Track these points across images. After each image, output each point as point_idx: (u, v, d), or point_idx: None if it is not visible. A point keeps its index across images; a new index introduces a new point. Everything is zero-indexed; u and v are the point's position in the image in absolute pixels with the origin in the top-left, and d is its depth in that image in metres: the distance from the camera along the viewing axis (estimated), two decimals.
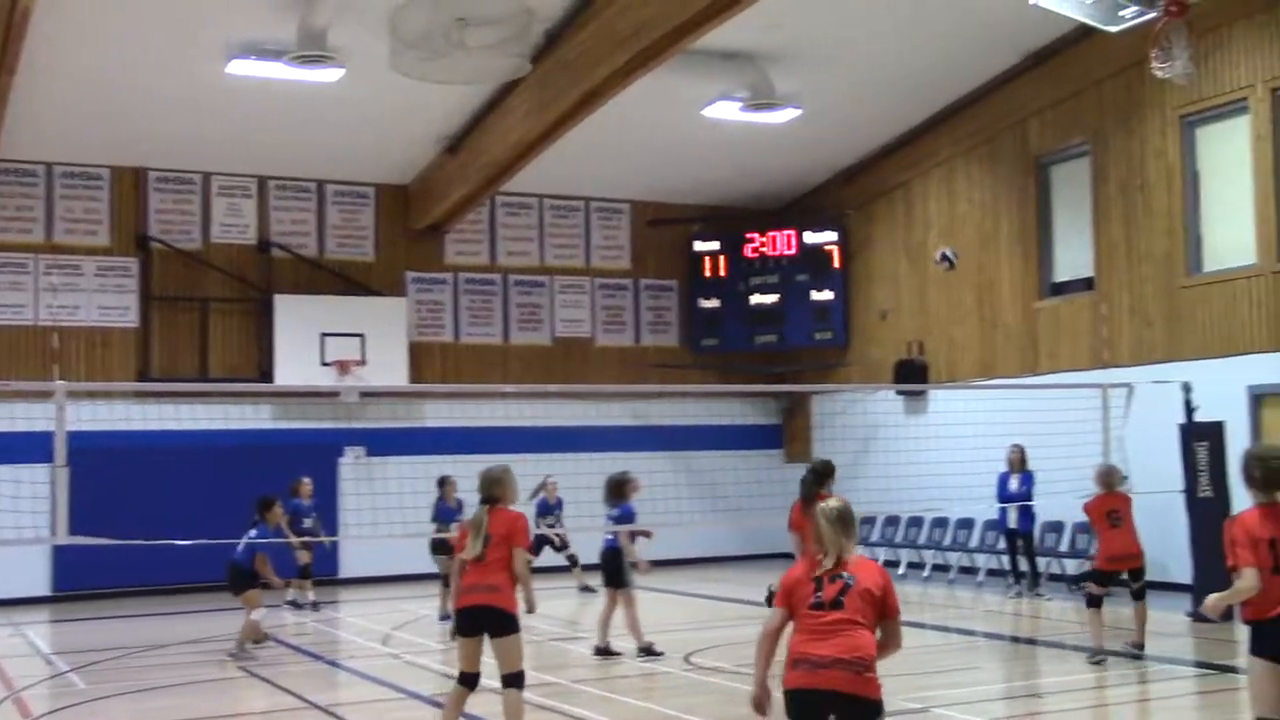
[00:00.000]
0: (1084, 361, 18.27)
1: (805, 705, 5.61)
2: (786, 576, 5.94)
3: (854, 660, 5.56)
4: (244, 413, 19.43)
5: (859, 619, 5.65)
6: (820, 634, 5.62)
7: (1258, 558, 6.34)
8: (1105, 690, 10.81)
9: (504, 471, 8.64)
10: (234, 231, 20.89)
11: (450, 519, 15.81)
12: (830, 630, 5.62)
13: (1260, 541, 6.37)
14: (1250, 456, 6.70)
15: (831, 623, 5.63)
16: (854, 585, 5.70)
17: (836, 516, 5.89)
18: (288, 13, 15.35)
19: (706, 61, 17.46)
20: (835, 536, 5.84)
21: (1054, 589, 17.37)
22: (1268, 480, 6.53)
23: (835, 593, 5.69)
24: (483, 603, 8.21)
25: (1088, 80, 18.29)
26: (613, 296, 23.44)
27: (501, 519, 8.39)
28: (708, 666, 12.14)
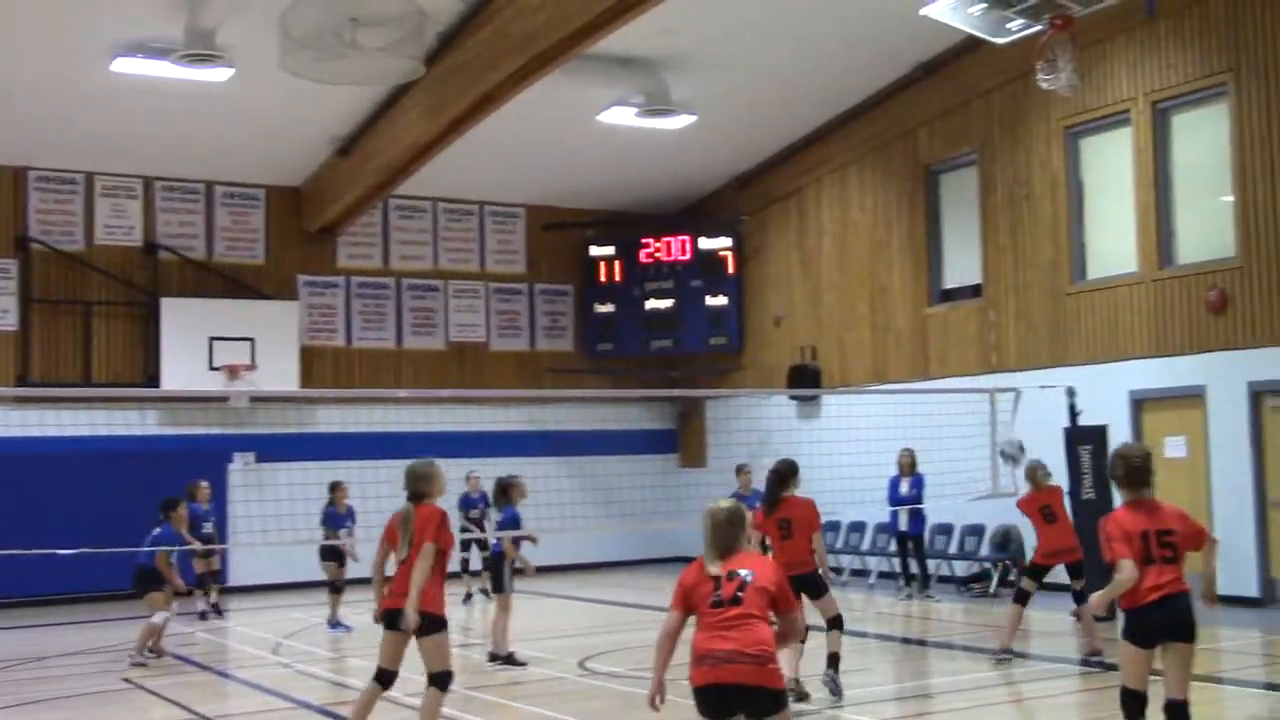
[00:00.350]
0: (973, 366, 18.60)
1: (712, 700, 5.81)
2: (683, 578, 6.09)
3: (756, 653, 5.76)
4: (129, 418, 18.95)
5: (757, 613, 5.87)
6: (722, 630, 5.82)
7: (1132, 550, 6.87)
8: (992, 690, 11.00)
9: (428, 466, 8.61)
10: (119, 233, 20.42)
11: (340, 525, 15.66)
12: (731, 625, 5.82)
13: (1133, 535, 6.92)
14: (1115, 456, 7.27)
15: (732, 618, 5.83)
16: (751, 581, 5.92)
17: (725, 519, 6.12)
18: (175, 11, 15.05)
19: (602, 67, 17.47)
20: (726, 538, 6.06)
21: (944, 591, 17.65)
22: (1130, 478, 7.11)
23: (734, 589, 5.90)
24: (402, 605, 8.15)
25: (976, 91, 18.65)
26: (508, 301, 23.34)
27: (423, 517, 8.31)
28: (603, 671, 12.12)
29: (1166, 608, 6.86)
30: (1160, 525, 6.97)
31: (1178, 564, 6.95)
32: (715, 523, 6.09)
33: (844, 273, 21.12)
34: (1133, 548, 6.88)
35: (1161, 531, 6.96)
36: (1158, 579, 6.88)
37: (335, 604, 15.57)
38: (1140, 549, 6.89)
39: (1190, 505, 15.58)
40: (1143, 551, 6.89)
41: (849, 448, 17.55)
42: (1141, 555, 6.88)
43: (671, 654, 6.04)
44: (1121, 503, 7.21)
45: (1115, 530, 6.97)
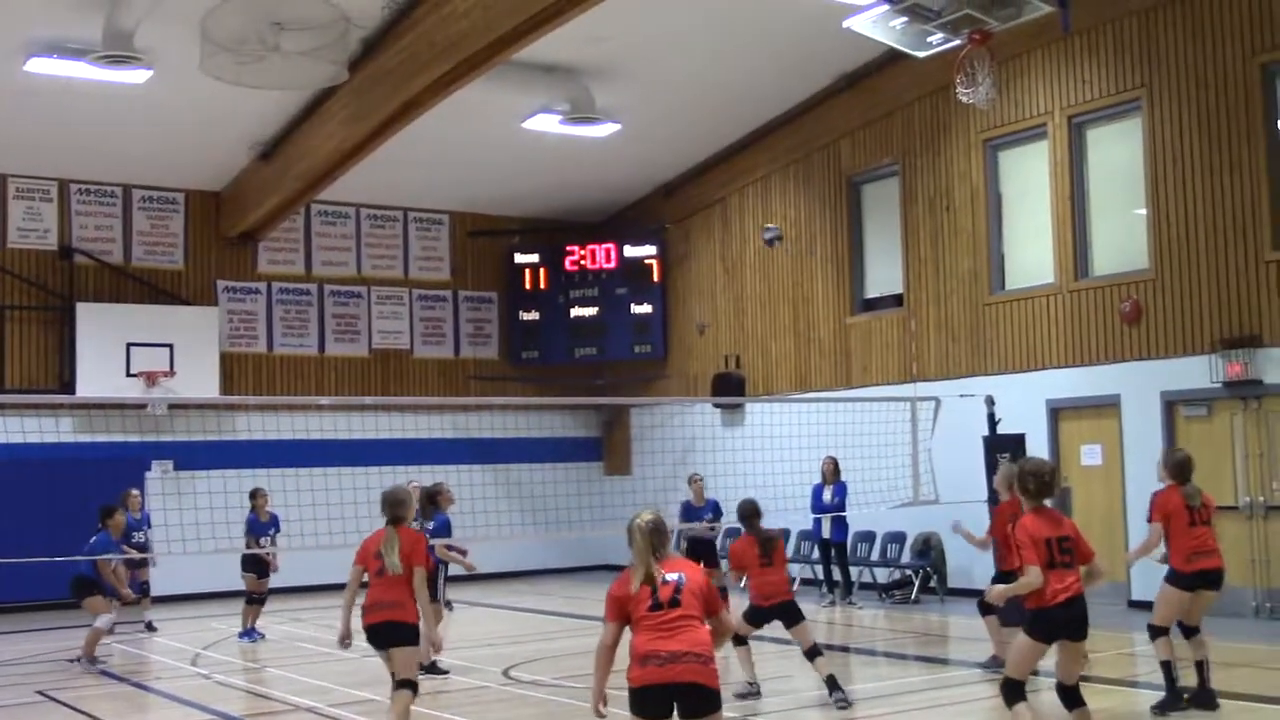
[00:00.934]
0: (894, 375, 18.82)
1: (652, 700, 5.98)
2: (614, 591, 6.26)
3: (700, 653, 6.01)
4: (43, 425, 18.59)
5: (695, 614, 6.12)
6: (665, 631, 6.04)
7: (1039, 556, 7.50)
8: (913, 695, 11.12)
9: (407, 493, 9.11)
10: (33, 236, 20.05)
11: (263, 533, 15.45)
12: (674, 626, 6.05)
13: (1039, 541, 7.54)
14: (1024, 472, 7.89)
15: (673, 620, 6.06)
16: (685, 583, 6.14)
17: (651, 529, 6.29)
18: (92, 11, 14.81)
19: (527, 74, 17.47)
20: (654, 545, 6.24)
21: (865, 597, 17.81)
22: (1040, 490, 7.77)
23: (671, 592, 6.12)
24: (388, 619, 8.58)
25: (897, 103, 18.88)
26: (432, 308, 23.23)
27: (407, 538, 8.77)
28: (527, 680, 12.10)
29: (1070, 609, 7.53)
30: (1061, 533, 7.65)
31: (1074, 568, 7.62)
32: (643, 532, 6.27)
33: (767, 281, 21.27)
34: (1039, 554, 7.50)
35: (1062, 538, 7.62)
36: (1062, 582, 7.51)
37: (250, 615, 15.38)
38: (1045, 554, 7.52)
39: (1105, 511, 15.98)
40: (1047, 557, 7.52)
41: (772, 455, 17.67)
42: (1046, 560, 7.51)
43: (611, 664, 6.22)
44: (1026, 510, 7.79)
45: (1024, 537, 7.55)
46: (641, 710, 6.01)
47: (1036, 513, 7.70)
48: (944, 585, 17.65)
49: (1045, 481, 7.76)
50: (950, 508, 16.02)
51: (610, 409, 23.72)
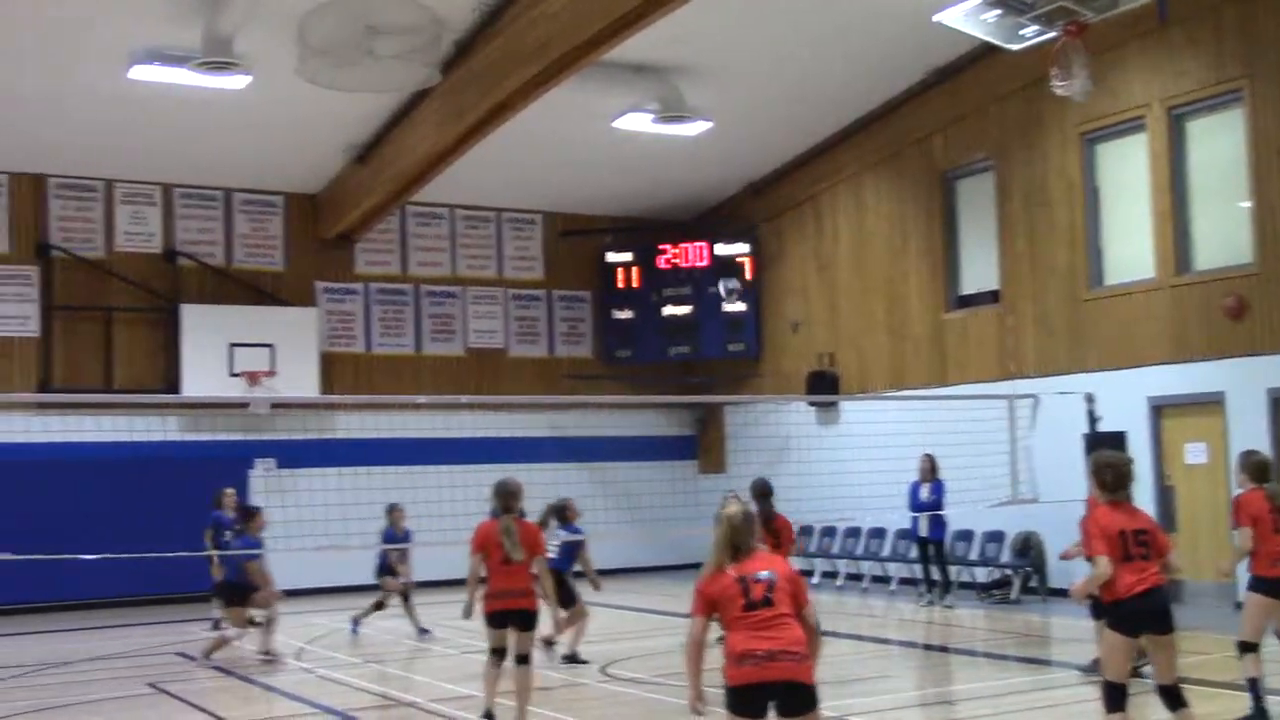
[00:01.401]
0: (991, 372, 18.59)
1: (751, 698, 5.98)
2: (702, 586, 6.24)
3: (797, 651, 6.00)
4: (150, 425, 19.07)
5: (789, 611, 6.10)
6: (760, 630, 6.02)
7: (1110, 548, 7.42)
8: (1015, 696, 10.99)
9: (519, 484, 9.59)
10: (139, 240, 20.54)
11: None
12: (769, 625, 6.02)
13: (1112, 534, 7.46)
14: (1101, 464, 7.84)
15: (769, 619, 6.03)
16: (777, 581, 6.14)
17: (741, 521, 6.29)
18: (192, 18, 15.13)
19: (617, 74, 17.53)
20: (745, 539, 6.23)
21: (964, 597, 17.63)
22: (1118, 482, 7.69)
23: (763, 591, 6.09)
24: (521, 607, 9.33)
25: (991, 97, 18.65)
26: (526, 307, 23.40)
27: (527, 529, 9.49)
28: (625, 678, 12.15)
29: (1148, 600, 7.41)
30: (1137, 525, 7.55)
31: (1152, 560, 7.48)
32: (733, 525, 6.26)
33: (861, 279, 21.13)
34: (1111, 545, 7.43)
35: (1138, 531, 7.52)
36: (1138, 574, 7.41)
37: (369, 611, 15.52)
38: (1119, 546, 7.44)
39: (1210, 511, 15.65)
40: (1121, 549, 7.44)
41: (868, 454, 17.57)
42: (1121, 553, 7.43)
43: (703, 660, 6.24)
44: (1102, 502, 7.71)
45: (1094, 529, 7.53)
46: (740, 709, 6.01)
47: (1112, 505, 7.61)
48: (1045, 585, 17.41)
49: (1122, 473, 7.69)
50: (1050, 507, 15.82)
51: (704, 407, 23.73)
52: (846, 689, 11.12)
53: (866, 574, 19.87)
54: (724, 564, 6.18)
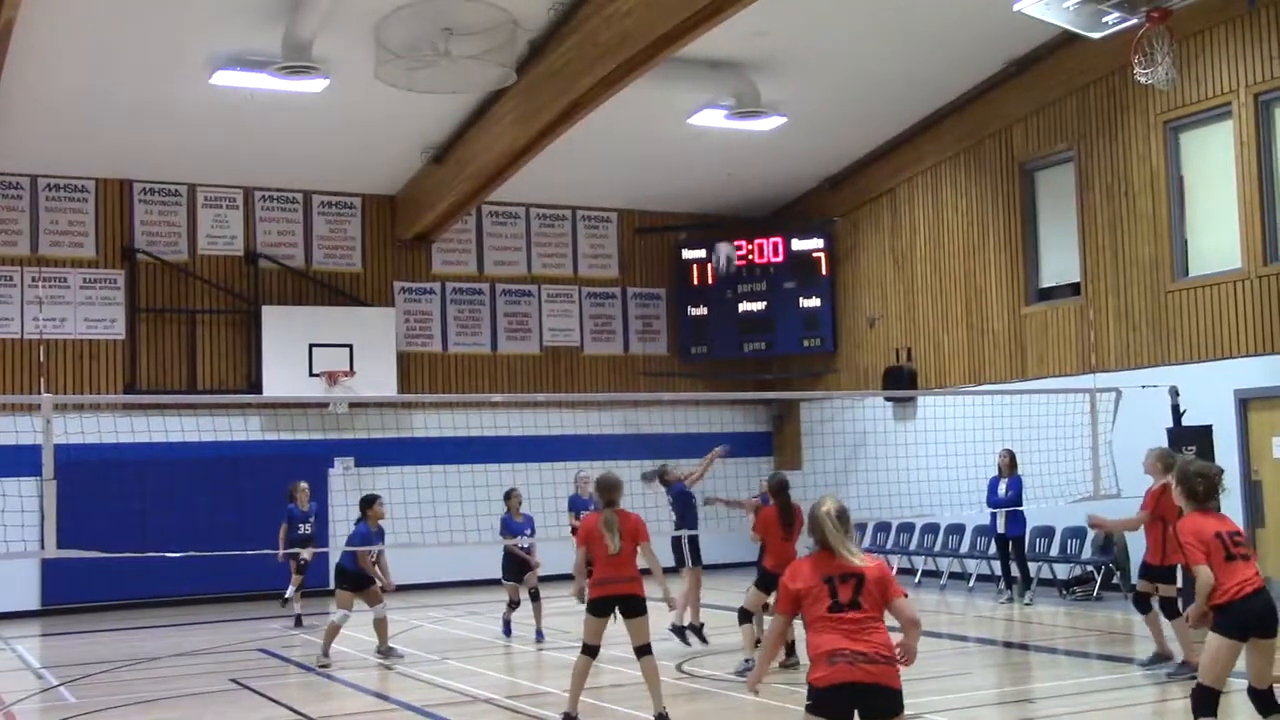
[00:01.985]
0: (1072, 366, 18.33)
1: (836, 699, 5.86)
2: (788, 583, 6.12)
3: (886, 655, 5.91)
4: (233, 424, 19.36)
5: (876, 614, 5.99)
6: (848, 632, 5.91)
7: (1211, 554, 7.33)
8: (1096, 695, 10.82)
9: (618, 479, 9.90)
10: (221, 243, 20.86)
11: (519, 532, 15.06)
12: (856, 628, 5.91)
13: (1209, 539, 7.37)
14: (1192, 473, 7.70)
15: (854, 621, 5.93)
16: (865, 582, 6.01)
17: (839, 516, 6.15)
18: (272, 24, 15.35)
19: (691, 70, 17.49)
20: (840, 536, 6.09)
21: (1045, 594, 17.39)
22: (1209, 493, 7.63)
23: (851, 593, 5.97)
24: (625, 592, 9.56)
25: (1071, 86, 18.37)
26: (601, 305, 23.45)
27: (628, 520, 9.72)
28: (703, 674, 12.13)
29: (1254, 601, 7.32)
30: (1229, 527, 7.53)
31: (1252, 561, 7.45)
32: (830, 524, 6.10)
33: (938, 273, 20.93)
34: (1211, 550, 7.34)
35: (1233, 532, 7.50)
36: (1243, 574, 7.33)
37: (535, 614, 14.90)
38: (1220, 549, 7.35)
39: None
40: (1222, 550, 7.36)
41: (945, 449, 17.38)
42: (1222, 554, 7.35)
43: (778, 651, 6.29)
44: (1189, 513, 7.63)
45: (1189, 538, 7.42)
46: (824, 710, 5.88)
47: (1201, 514, 7.54)
48: (1128, 582, 17.11)
49: (1214, 484, 7.63)
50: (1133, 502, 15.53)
51: (780, 403, 23.63)
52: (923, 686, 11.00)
53: (944, 570, 19.67)
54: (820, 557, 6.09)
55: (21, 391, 18.78)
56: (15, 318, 19.52)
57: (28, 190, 19.76)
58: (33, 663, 14.75)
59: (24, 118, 17.33)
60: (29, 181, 19.75)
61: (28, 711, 11.52)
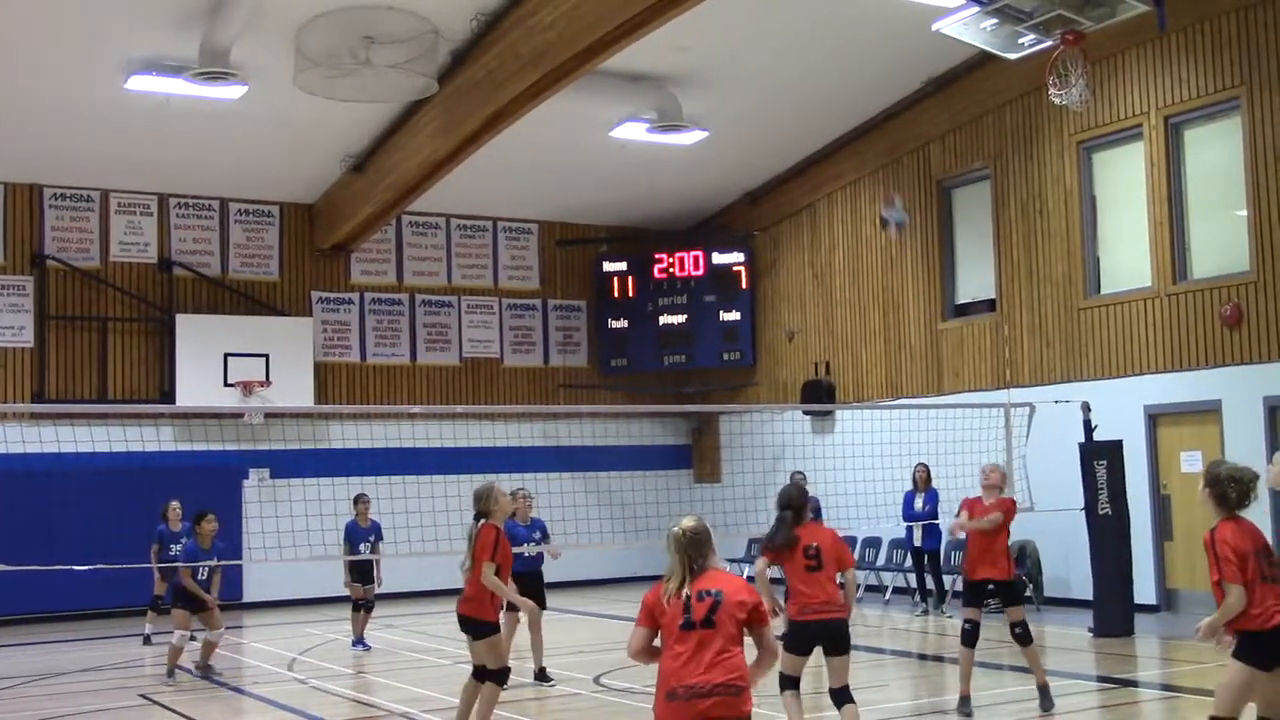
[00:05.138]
0: (987, 381, 18.59)
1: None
2: (649, 598, 5.79)
3: (732, 683, 5.47)
4: (145, 435, 19.00)
5: (731, 634, 5.55)
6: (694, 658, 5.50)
7: (1245, 574, 6.69)
8: (1012, 705, 10.95)
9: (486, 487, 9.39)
10: (134, 250, 20.51)
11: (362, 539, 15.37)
12: (704, 650, 5.49)
13: (1247, 556, 6.73)
14: (1226, 477, 6.96)
15: (704, 641, 5.51)
16: (723, 601, 5.58)
17: (690, 539, 5.73)
18: (190, 29, 15.13)
19: (614, 83, 17.53)
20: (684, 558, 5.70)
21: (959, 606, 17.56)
22: (1242, 499, 6.91)
23: (706, 611, 5.56)
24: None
25: (988, 106, 18.66)
26: (521, 317, 23.38)
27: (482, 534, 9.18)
28: (619, 687, 12.10)
29: None
30: (1261, 544, 6.88)
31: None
32: (678, 541, 5.73)
33: (857, 287, 21.13)
34: (1246, 571, 6.72)
35: (1266, 549, 6.87)
36: (1275, 599, 6.74)
37: (358, 622, 15.36)
38: (1255, 569, 6.74)
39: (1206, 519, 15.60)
40: (1257, 572, 6.74)
41: (863, 463, 17.55)
42: (1256, 576, 6.74)
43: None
44: (1221, 520, 6.96)
45: (1228, 552, 6.75)
46: None
47: (1236, 524, 6.86)
48: (1040, 594, 17.36)
49: (1247, 489, 6.91)
50: (1046, 516, 15.80)
51: (700, 416, 23.71)
52: None
53: (861, 583, 19.81)
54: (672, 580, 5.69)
55: None
56: None
57: None
58: None
59: None
60: None
61: None
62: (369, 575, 15.43)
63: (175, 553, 16.05)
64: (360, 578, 15.38)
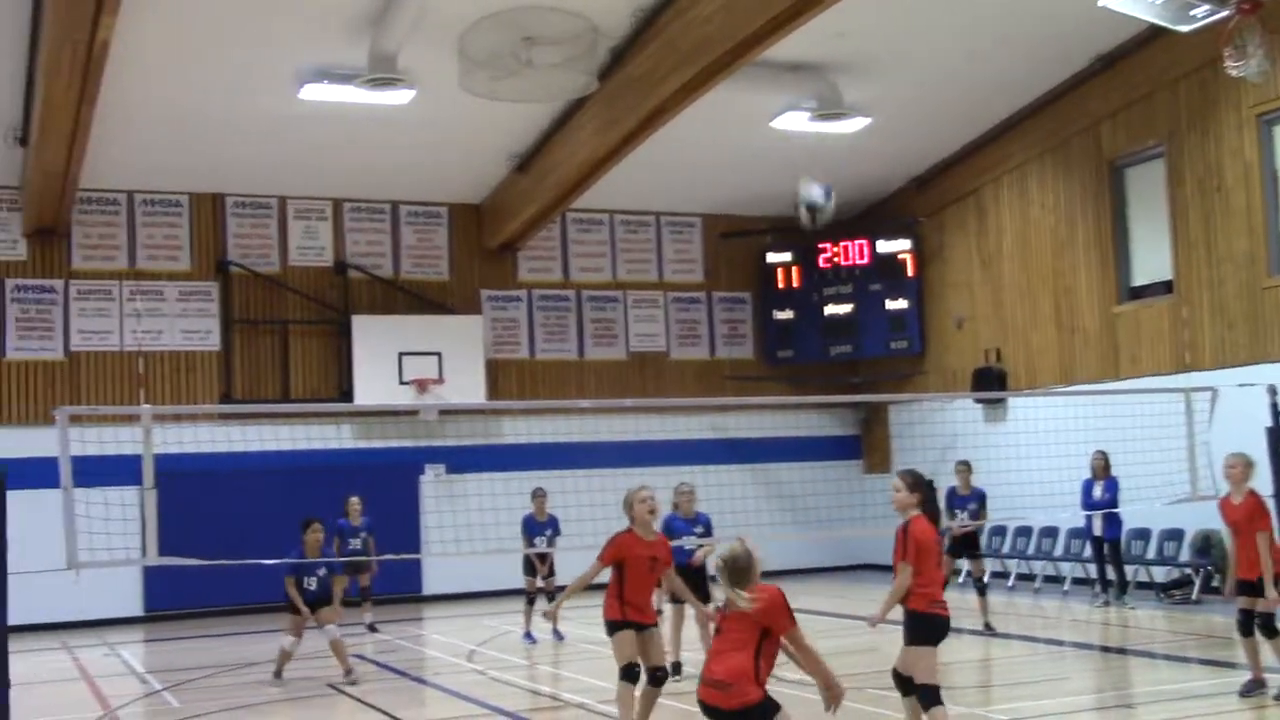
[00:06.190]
0: (1166, 365, 18.02)
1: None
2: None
3: (723, 681, 6.43)
4: (325, 433, 19.68)
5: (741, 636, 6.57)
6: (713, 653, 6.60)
7: None
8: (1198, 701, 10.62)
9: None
10: (311, 254, 21.19)
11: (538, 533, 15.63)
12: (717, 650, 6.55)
13: None
14: None
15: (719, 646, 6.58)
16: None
17: (731, 565, 6.78)
18: (358, 37, 15.57)
19: (773, 73, 17.47)
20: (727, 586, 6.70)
21: (1141, 597, 17.11)
22: None
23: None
24: None
25: (1160, 81, 18.06)
26: (686, 310, 23.47)
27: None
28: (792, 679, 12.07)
29: None
30: None
31: None
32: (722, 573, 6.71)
33: (1027, 272, 20.67)
34: None
35: None
36: None
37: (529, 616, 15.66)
38: None
39: None
40: None
41: (1038, 451, 17.17)
42: None
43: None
44: None
45: None
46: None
47: None
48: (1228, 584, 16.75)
49: None
50: None
51: (868, 407, 23.48)
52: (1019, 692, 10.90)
53: (1039, 574, 19.42)
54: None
55: (121, 402, 19.19)
56: (115, 330, 19.98)
57: (124, 206, 20.23)
58: (137, 667, 15.09)
59: (120, 135, 17.72)
60: (125, 197, 20.21)
61: (133, 715, 11.80)
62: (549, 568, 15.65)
63: (355, 546, 16.60)
64: (535, 571, 15.64)
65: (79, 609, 18.37)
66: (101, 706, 12.16)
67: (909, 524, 8.23)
